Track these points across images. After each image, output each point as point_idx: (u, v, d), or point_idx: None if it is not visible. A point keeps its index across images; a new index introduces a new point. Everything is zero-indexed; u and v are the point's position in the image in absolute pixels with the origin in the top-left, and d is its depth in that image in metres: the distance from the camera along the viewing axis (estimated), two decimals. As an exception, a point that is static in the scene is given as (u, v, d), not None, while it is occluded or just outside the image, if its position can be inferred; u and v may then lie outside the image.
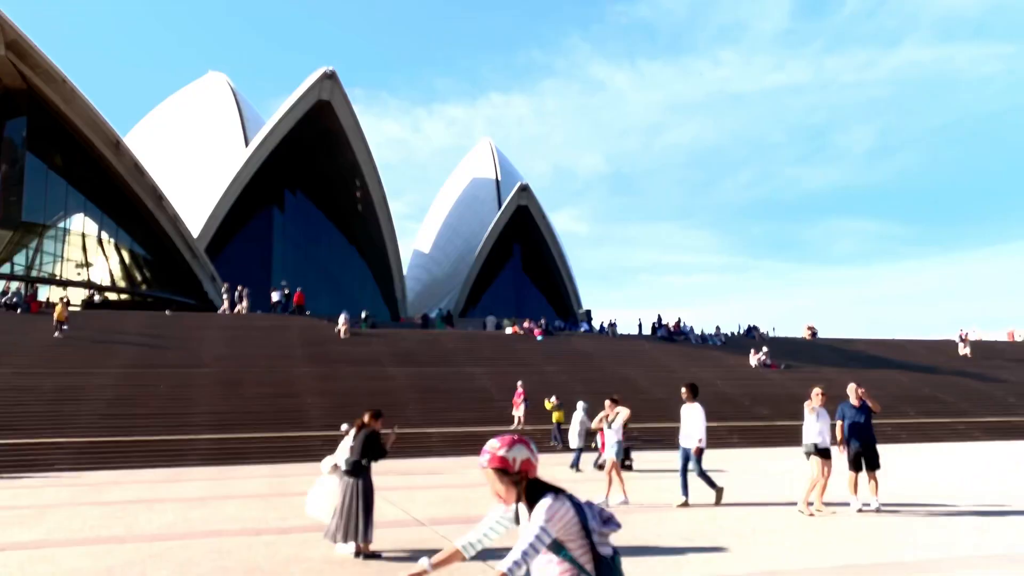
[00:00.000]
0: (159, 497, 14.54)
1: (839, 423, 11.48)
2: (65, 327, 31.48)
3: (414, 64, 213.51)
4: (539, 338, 40.35)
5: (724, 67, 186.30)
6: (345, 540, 8.18)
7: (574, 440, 19.56)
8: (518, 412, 26.58)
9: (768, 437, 27.61)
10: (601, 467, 19.50)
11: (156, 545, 9.24)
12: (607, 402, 13.72)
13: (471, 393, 29.58)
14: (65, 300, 34.23)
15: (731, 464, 19.58)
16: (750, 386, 34.21)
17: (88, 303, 46.47)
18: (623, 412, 13.45)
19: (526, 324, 43.36)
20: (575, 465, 19.32)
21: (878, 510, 11.11)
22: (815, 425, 11.19)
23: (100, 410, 24.58)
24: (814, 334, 50.85)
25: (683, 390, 12.59)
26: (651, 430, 27.45)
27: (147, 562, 8.19)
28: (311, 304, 44.71)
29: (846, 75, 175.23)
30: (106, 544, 9.41)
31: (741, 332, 51.36)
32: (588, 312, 59.13)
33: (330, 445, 22.56)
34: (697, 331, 47.47)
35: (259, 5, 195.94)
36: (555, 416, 24.92)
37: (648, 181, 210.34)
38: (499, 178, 77.10)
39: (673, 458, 13.39)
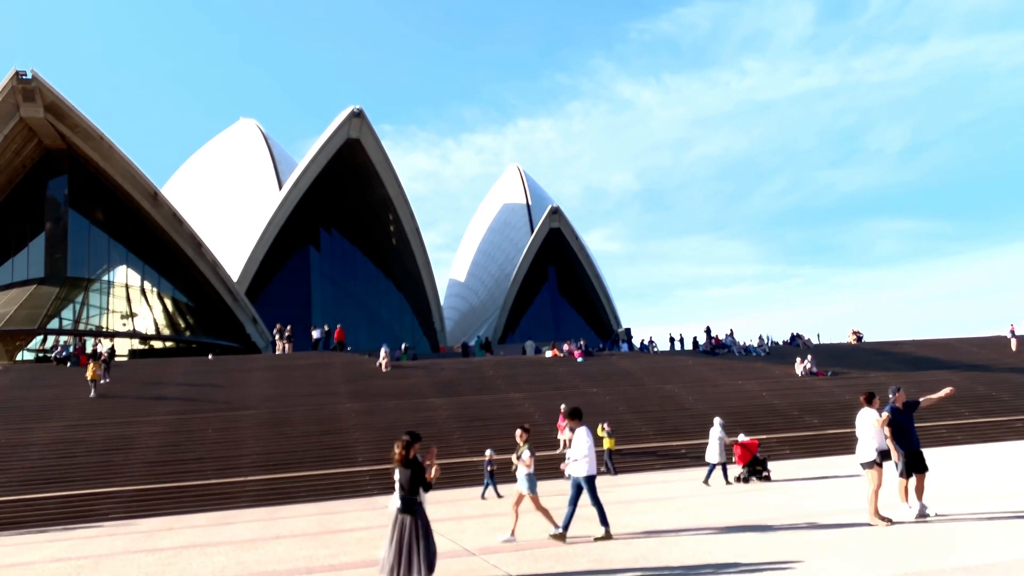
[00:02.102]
0: (211, 541, 14.60)
1: (887, 429, 11.09)
2: (105, 380, 32.07)
3: (441, 96, 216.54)
4: (579, 360, 40.07)
5: (750, 76, 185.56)
6: None
7: (714, 455, 19.28)
8: (563, 436, 26.30)
9: (820, 447, 26.97)
10: (740, 479, 19.21)
11: None
12: (518, 431, 12.48)
13: (514, 419, 29.30)
14: (104, 356, 34.92)
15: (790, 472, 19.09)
16: (797, 396, 33.50)
17: (135, 352, 47.45)
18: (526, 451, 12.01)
19: (565, 347, 43.12)
20: (710, 475, 19.04)
21: (926, 515, 10.83)
22: (880, 432, 10.75)
23: (150, 458, 24.91)
24: (860, 338, 49.75)
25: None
26: (698, 446, 26.97)
27: None
28: (351, 339, 45.08)
29: (874, 75, 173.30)
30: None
31: (785, 341, 50.46)
32: (627, 331, 58.66)
33: (377, 480, 22.72)
34: (739, 343, 46.74)
35: (286, 50, 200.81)
36: (607, 443, 24.54)
37: (680, 196, 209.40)
38: (530, 202, 77.33)
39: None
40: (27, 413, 28.60)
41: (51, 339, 43.79)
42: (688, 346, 48.47)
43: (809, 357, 38.91)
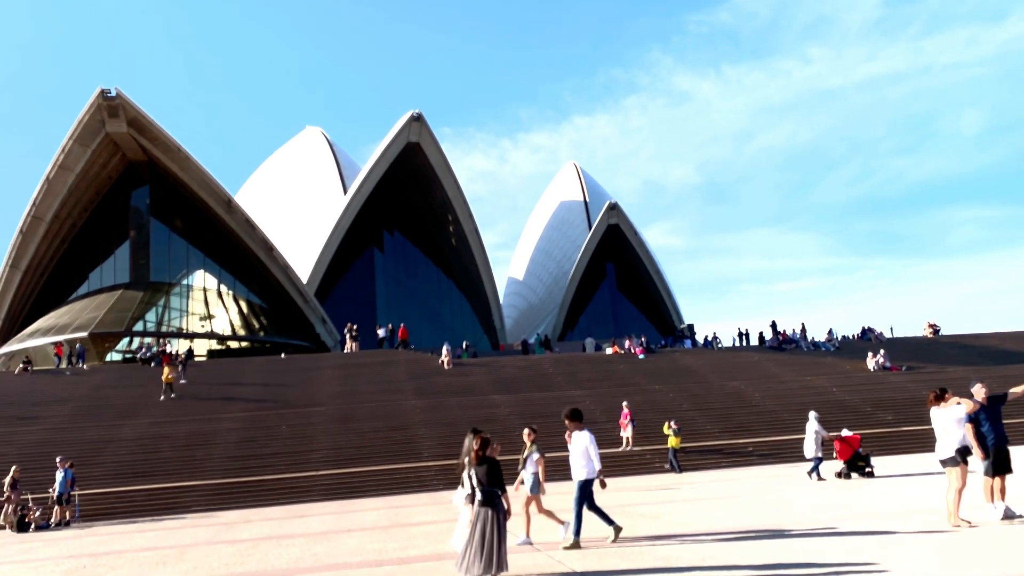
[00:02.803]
0: (286, 533, 15.21)
1: (969, 426, 10.34)
2: (182, 382, 33.48)
3: (498, 98, 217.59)
4: (641, 357, 39.99)
5: (814, 64, 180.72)
6: (482, 571, 8.03)
7: (810, 449, 19.31)
8: (626, 433, 26.44)
9: (895, 444, 26.36)
10: (840, 475, 19.05)
11: None
12: (525, 431, 12.16)
13: (576, 416, 29.58)
14: (180, 357, 36.53)
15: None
16: (870, 391, 32.74)
17: (213, 353, 49.51)
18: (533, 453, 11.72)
19: (627, 343, 43.08)
20: (815, 471, 19.10)
21: (1013, 516, 10.32)
22: (960, 429, 10.16)
23: (228, 453, 26.08)
24: (936, 331, 48.09)
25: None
26: (766, 444, 26.77)
27: None
28: (414, 338, 46.01)
29: (947, 57, 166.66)
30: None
31: (855, 336, 49.25)
32: (690, 327, 58.09)
33: (442, 475, 23.29)
34: (808, 337, 45.85)
35: (349, 59, 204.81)
36: (672, 441, 24.53)
37: (743, 188, 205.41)
38: (587, 199, 77.15)
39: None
40: (116, 410, 30.28)
41: (136, 341, 46.01)
42: (753, 342, 47.77)
43: (882, 351, 37.96)
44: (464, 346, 43.96)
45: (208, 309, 50.75)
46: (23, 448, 25.75)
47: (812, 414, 20.10)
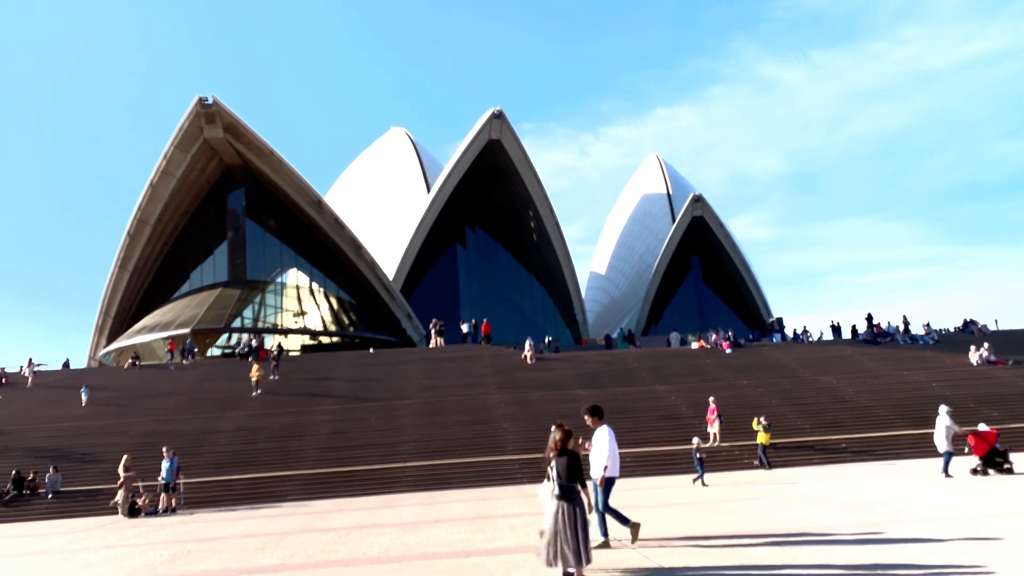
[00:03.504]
0: (377, 523, 15.67)
1: None
2: (274, 378, 34.78)
3: (578, 91, 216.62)
4: (727, 351, 39.18)
5: (908, 45, 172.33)
6: (560, 564, 8.05)
7: (941, 444, 18.84)
8: (712, 429, 26.01)
9: (1005, 442, 24.90)
10: (975, 472, 18.41)
11: (377, 567, 9.93)
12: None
13: (659, 412, 29.34)
14: (273, 353, 38.00)
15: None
16: (973, 387, 31.10)
17: (305, 348, 51.36)
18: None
19: (713, 337, 42.27)
20: (946, 468, 18.57)
21: None
22: None
23: (321, 444, 27.03)
24: (1046, 324, 45.15)
25: None
26: (860, 440, 25.85)
27: None
28: (496, 333, 46.42)
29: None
30: (335, 567, 10.25)
31: (956, 328, 46.85)
32: (779, 320, 56.48)
33: (526, 468, 23.49)
34: (904, 331, 43.90)
35: (433, 59, 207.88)
36: (762, 437, 23.98)
37: (833, 176, 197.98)
38: (670, 191, 75.98)
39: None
40: (216, 403, 31.83)
41: (235, 336, 48.21)
42: (846, 335, 46.10)
43: (986, 345, 36.00)
44: (546, 341, 44.05)
45: (300, 306, 52.66)
46: (133, 438, 27.38)
47: (943, 408, 19.20)
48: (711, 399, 26.73)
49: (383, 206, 65.71)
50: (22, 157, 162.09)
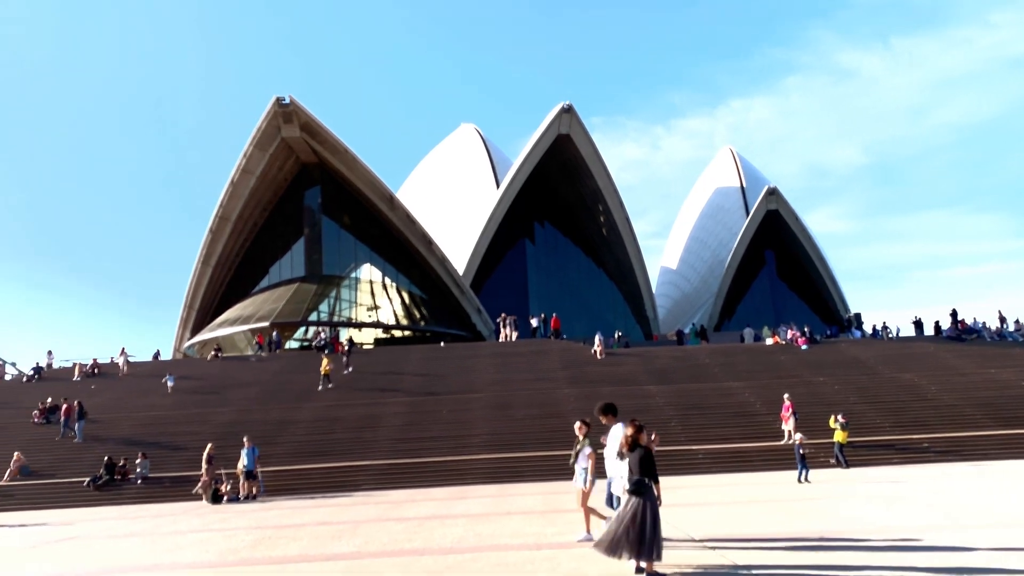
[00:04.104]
0: (449, 513, 15.95)
1: None
2: (347, 371, 35.60)
3: (649, 84, 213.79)
4: (803, 347, 38.20)
5: (998, 30, 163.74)
6: (630, 558, 8.07)
7: None
8: (787, 426, 25.45)
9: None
10: None
11: (451, 557, 10.10)
12: (577, 424, 11.78)
13: (733, 408, 28.86)
14: (344, 347, 38.91)
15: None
16: (1067, 387, 29.52)
17: (378, 341, 52.50)
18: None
19: (788, 333, 41.26)
20: None
21: None
22: None
23: (393, 435, 27.61)
24: None
25: None
26: (943, 440, 24.89)
27: (444, 572, 9.04)
28: (565, 328, 46.41)
29: None
30: (410, 556, 10.49)
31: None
32: (857, 316, 54.66)
33: (597, 464, 23.39)
34: (992, 327, 41.93)
35: (501, 54, 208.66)
36: (838, 436, 23.33)
37: (916, 168, 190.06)
38: (744, 185, 74.39)
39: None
40: (294, 394, 32.87)
41: (311, 330, 49.66)
42: (928, 331, 44.33)
43: (1082, 344, 34.10)
44: (616, 336, 43.81)
45: (373, 300, 53.80)
46: (215, 427, 28.51)
47: None
48: (786, 396, 26.15)
49: (453, 202, 66.45)
50: (116, 160, 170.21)
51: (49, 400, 31.17)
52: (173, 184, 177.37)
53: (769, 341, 40.86)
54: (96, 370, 39.61)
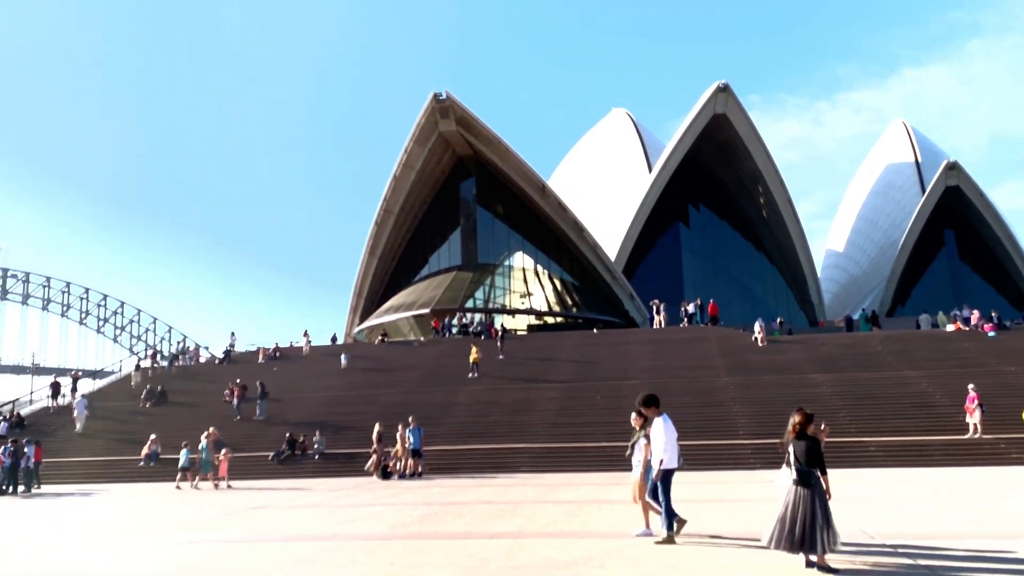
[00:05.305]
0: (607, 498, 16.01)
1: None
2: (500, 357, 36.33)
3: (812, 57, 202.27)
4: (990, 334, 34.93)
5: None
6: (798, 551, 7.88)
7: None
8: (972, 419, 23.47)
9: None
10: None
11: (611, 542, 10.19)
12: (633, 416, 11.04)
13: (909, 399, 26.95)
14: (498, 333, 39.76)
15: None
16: None
17: (532, 328, 53.48)
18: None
19: (973, 319, 37.87)
20: None
21: None
22: None
23: (548, 419, 28.06)
24: None
25: None
26: None
27: (604, 556, 9.12)
28: (723, 314, 45.15)
29: None
30: (568, 538, 10.71)
31: None
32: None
33: (759, 453, 22.73)
34: None
35: (655, 36, 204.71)
36: None
37: None
38: (919, 159, 68.97)
39: None
40: (453, 378, 34.18)
41: (468, 316, 51.40)
42: None
43: None
44: (778, 322, 42.04)
45: (526, 287, 54.83)
46: (383, 407, 30.15)
47: None
48: (970, 387, 24.08)
49: (604, 187, 66.31)
50: (296, 162, 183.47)
51: (239, 380, 34.25)
52: (346, 181, 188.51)
53: (950, 327, 37.70)
54: (278, 353, 42.99)
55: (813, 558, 7.85)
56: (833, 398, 27.28)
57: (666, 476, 9.90)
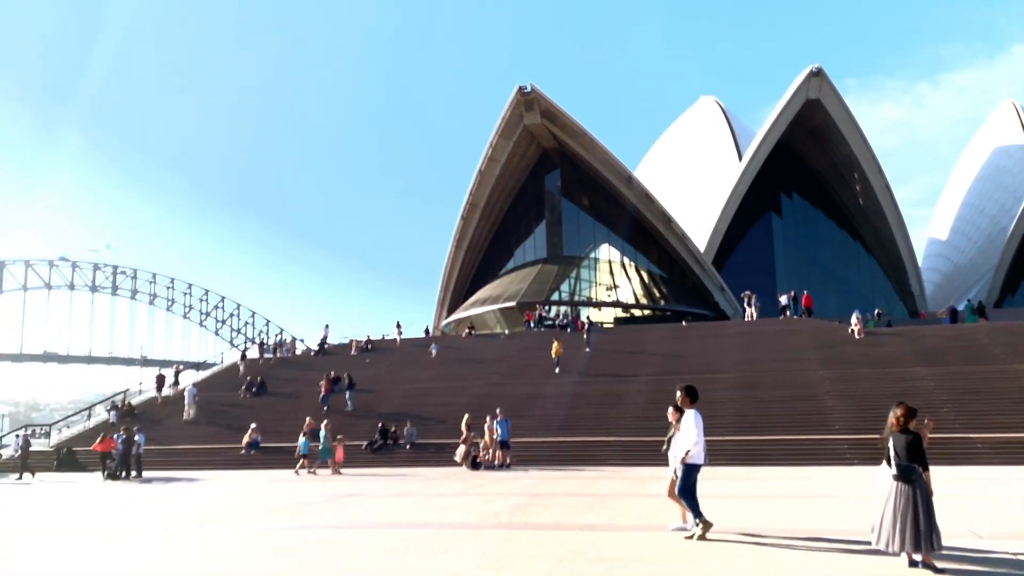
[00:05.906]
0: (700, 493, 15.82)
1: None
2: (586, 350, 36.24)
3: (912, 38, 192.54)
4: (1117, 327, 32.56)
5: None
6: (900, 549, 7.67)
7: None
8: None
9: None
10: None
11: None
12: (670, 410, 10.89)
13: (1019, 394, 25.47)
14: (584, 326, 39.66)
15: None
16: None
17: (619, 320, 53.19)
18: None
19: (1094, 311, 35.39)
20: None
21: None
22: None
23: (636, 413, 27.89)
24: None
25: None
26: None
27: (696, 550, 9.13)
28: (817, 306, 43.73)
29: None
30: (658, 531, 10.72)
31: None
32: None
33: (856, 449, 22.02)
34: None
35: (745, 21, 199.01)
36: None
37: None
38: (1032, 141, 64.83)
39: None
40: (541, 370, 34.41)
41: (554, 309, 51.61)
42: None
43: None
44: (875, 314, 40.42)
45: (612, 279, 54.57)
46: (471, 399, 30.66)
47: None
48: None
49: (693, 177, 65.19)
50: (380, 160, 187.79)
51: (332, 372, 35.44)
52: (430, 177, 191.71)
53: (1068, 319, 35.32)
54: (370, 345, 44.26)
55: (917, 557, 7.64)
56: (936, 392, 26.08)
57: (691, 471, 9.88)
